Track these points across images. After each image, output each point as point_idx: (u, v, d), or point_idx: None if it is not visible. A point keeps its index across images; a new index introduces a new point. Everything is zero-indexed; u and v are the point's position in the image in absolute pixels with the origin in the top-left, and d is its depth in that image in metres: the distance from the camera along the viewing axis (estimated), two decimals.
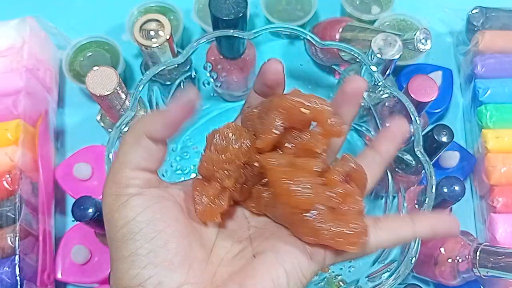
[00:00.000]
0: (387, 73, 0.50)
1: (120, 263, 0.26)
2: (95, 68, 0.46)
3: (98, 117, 0.54)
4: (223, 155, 0.30)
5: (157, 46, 0.49)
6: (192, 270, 0.27)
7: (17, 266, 0.47)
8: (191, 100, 0.27)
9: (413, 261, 0.39)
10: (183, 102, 0.27)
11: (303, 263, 0.28)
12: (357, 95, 0.32)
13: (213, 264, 0.28)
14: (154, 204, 0.27)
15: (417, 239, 0.39)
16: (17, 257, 0.47)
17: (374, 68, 0.47)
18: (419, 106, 0.49)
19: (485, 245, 0.44)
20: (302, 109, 0.29)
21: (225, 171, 0.30)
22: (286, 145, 0.30)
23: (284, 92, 0.33)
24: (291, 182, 0.27)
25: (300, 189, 0.27)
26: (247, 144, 0.30)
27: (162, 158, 0.29)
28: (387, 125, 0.33)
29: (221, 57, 0.53)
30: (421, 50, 0.48)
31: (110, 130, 0.52)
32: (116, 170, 0.27)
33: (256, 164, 0.30)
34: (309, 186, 0.27)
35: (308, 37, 0.45)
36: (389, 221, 0.30)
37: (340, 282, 0.51)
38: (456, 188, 0.45)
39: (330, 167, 0.29)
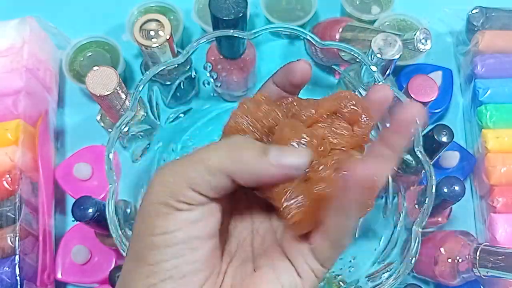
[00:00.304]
0: (387, 73, 0.50)
1: (140, 267, 0.26)
2: (95, 68, 0.46)
3: (98, 117, 0.54)
4: (258, 110, 0.29)
5: (157, 46, 0.49)
6: (207, 284, 0.27)
7: (17, 266, 0.47)
8: (299, 167, 0.25)
9: (413, 261, 0.39)
10: (291, 164, 0.25)
11: (296, 281, 0.28)
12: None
13: (221, 273, 0.28)
14: (198, 222, 0.26)
15: (418, 239, 0.39)
16: (17, 257, 0.47)
17: (374, 68, 0.47)
18: None
19: (485, 245, 0.44)
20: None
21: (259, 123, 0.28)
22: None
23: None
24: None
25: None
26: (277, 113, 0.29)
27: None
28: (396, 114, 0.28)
29: (221, 57, 0.53)
30: (421, 50, 0.48)
31: (110, 130, 0.52)
32: (179, 183, 0.25)
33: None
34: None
35: (308, 37, 0.45)
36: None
37: (340, 282, 0.51)
38: (456, 188, 0.45)
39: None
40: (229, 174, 0.25)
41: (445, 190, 0.45)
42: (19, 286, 0.47)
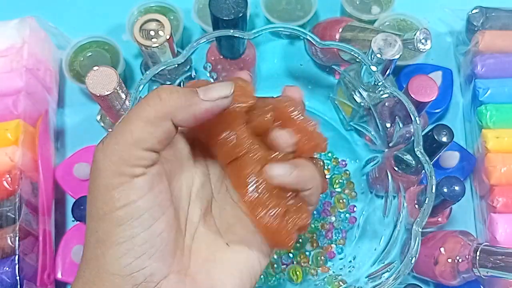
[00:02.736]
0: (387, 73, 0.50)
1: (110, 247, 0.25)
2: (95, 68, 0.46)
3: (98, 117, 0.54)
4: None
5: (157, 46, 0.49)
6: (176, 258, 0.27)
7: (17, 266, 0.47)
8: (226, 96, 0.27)
9: (413, 261, 0.39)
10: (219, 96, 0.26)
11: (266, 253, 0.30)
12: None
13: (187, 247, 0.28)
14: (155, 186, 0.26)
15: (418, 239, 0.40)
16: (17, 257, 0.47)
17: (374, 68, 0.47)
18: (419, 106, 0.49)
19: (485, 245, 0.44)
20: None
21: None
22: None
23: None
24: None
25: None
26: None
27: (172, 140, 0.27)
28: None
29: (221, 57, 0.53)
30: (421, 50, 0.48)
31: (110, 130, 0.52)
32: (126, 146, 0.25)
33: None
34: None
35: (308, 37, 0.45)
36: None
37: (340, 282, 0.51)
38: (456, 188, 0.45)
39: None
40: (168, 117, 0.26)
41: (445, 190, 0.45)
42: (19, 286, 0.47)
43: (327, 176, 0.58)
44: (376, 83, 0.48)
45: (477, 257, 0.44)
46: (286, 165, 0.29)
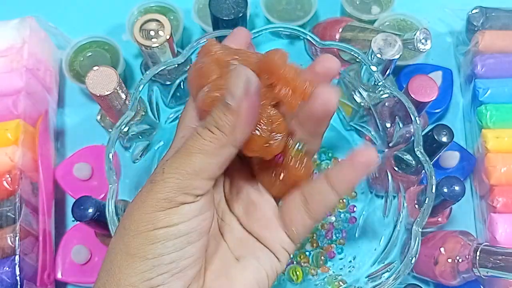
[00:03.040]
0: (387, 73, 0.50)
1: (137, 261, 0.25)
2: (95, 68, 0.46)
3: (98, 117, 0.54)
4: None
5: (157, 46, 0.49)
6: (195, 278, 0.27)
7: (17, 266, 0.47)
8: (249, 80, 0.25)
9: (413, 261, 0.39)
10: (244, 89, 0.25)
11: (277, 266, 0.31)
12: (329, 76, 0.30)
13: (203, 266, 0.29)
14: (202, 214, 0.27)
15: (418, 239, 0.40)
16: (17, 257, 0.47)
17: (374, 68, 0.47)
18: (419, 106, 0.49)
19: (485, 245, 0.44)
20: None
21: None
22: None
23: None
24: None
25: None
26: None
27: None
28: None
29: None
30: (421, 50, 0.48)
31: (110, 130, 0.52)
32: (187, 175, 0.26)
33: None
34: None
35: (308, 37, 0.45)
36: (316, 202, 0.30)
37: (340, 282, 0.51)
38: (456, 188, 0.45)
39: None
40: (229, 145, 0.26)
41: (445, 190, 0.45)
42: (19, 286, 0.47)
43: None
44: (376, 83, 0.48)
45: (477, 257, 0.44)
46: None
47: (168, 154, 0.30)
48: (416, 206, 0.47)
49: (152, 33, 0.49)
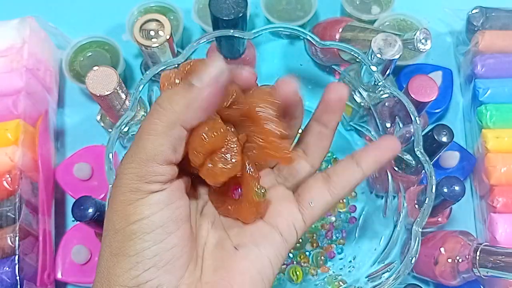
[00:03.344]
0: (387, 73, 0.50)
1: (121, 260, 0.25)
2: (95, 68, 0.46)
3: (98, 117, 0.54)
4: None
5: (157, 46, 0.49)
6: (188, 270, 0.27)
7: (17, 266, 0.47)
8: (222, 70, 0.25)
9: (413, 261, 0.39)
10: (214, 77, 0.25)
11: (282, 248, 0.29)
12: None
13: (199, 257, 0.28)
14: (173, 202, 0.26)
15: (418, 239, 0.40)
16: (17, 257, 0.47)
17: (374, 68, 0.47)
18: (419, 106, 0.49)
19: (485, 245, 0.44)
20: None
21: None
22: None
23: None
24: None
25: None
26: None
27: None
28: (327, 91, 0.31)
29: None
30: (421, 50, 0.48)
31: (110, 130, 0.52)
32: (142, 162, 0.25)
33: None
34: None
35: (308, 37, 0.45)
36: (340, 176, 0.31)
37: (340, 282, 0.51)
38: (456, 188, 0.45)
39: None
40: (176, 123, 0.25)
41: (445, 190, 0.45)
42: (19, 286, 0.46)
43: None
44: (376, 83, 0.48)
45: (477, 257, 0.44)
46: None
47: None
48: (416, 206, 0.47)
49: (152, 33, 0.49)
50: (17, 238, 0.48)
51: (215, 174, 0.27)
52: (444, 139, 0.46)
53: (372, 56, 0.48)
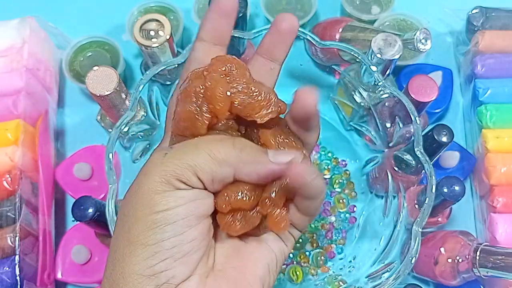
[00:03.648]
0: (387, 73, 0.50)
1: (139, 248, 0.25)
2: (95, 68, 0.46)
3: (98, 117, 0.54)
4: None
5: (157, 46, 0.49)
6: (201, 262, 0.27)
7: (17, 266, 0.47)
8: (297, 162, 0.27)
9: (413, 261, 0.39)
10: (288, 161, 0.27)
11: (284, 248, 0.31)
12: (291, 34, 0.32)
13: (212, 247, 0.29)
14: (196, 200, 0.27)
15: (418, 239, 0.40)
16: (17, 257, 0.47)
17: (374, 68, 0.47)
18: (419, 106, 0.49)
19: (485, 245, 0.44)
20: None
21: None
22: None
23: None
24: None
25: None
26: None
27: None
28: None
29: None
30: (421, 50, 0.48)
31: (110, 130, 0.52)
32: (186, 166, 0.26)
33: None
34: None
35: (308, 37, 0.45)
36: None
37: (340, 282, 0.51)
38: (456, 188, 0.45)
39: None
40: (234, 167, 0.27)
41: (445, 190, 0.45)
42: (19, 286, 0.47)
43: (327, 176, 0.58)
44: (376, 83, 0.48)
45: (477, 257, 0.44)
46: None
47: (165, 139, 0.31)
48: (416, 206, 0.47)
49: (152, 33, 0.49)
50: (17, 238, 0.48)
51: (233, 229, 0.29)
52: (444, 139, 0.46)
53: (372, 56, 0.48)
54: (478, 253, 0.44)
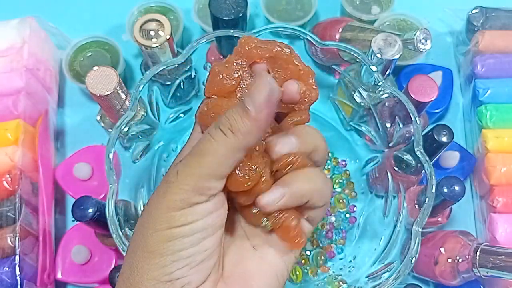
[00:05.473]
0: (387, 73, 0.50)
1: (157, 257, 0.26)
2: (95, 68, 0.46)
3: (98, 117, 0.54)
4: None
5: (157, 46, 0.49)
6: (214, 268, 0.28)
7: (17, 266, 0.47)
8: (272, 93, 0.26)
9: (413, 261, 0.39)
10: (266, 100, 0.26)
11: (292, 256, 0.31)
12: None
13: (221, 255, 0.30)
14: (215, 211, 0.28)
15: (418, 239, 0.40)
16: (17, 257, 0.47)
17: (374, 68, 0.47)
18: (419, 106, 0.49)
19: (485, 245, 0.44)
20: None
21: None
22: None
23: None
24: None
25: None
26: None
27: None
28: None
29: (221, 57, 0.53)
30: (421, 50, 0.48)
31: (110, 130, 0.52)
32: (203, 176, 0.26)
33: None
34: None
35: (308, 37, 0.45)
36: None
37: (340, 282, 0.51)
38: (456, 188, 0.45)
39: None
40: (243, 148, 0.27)
41: (445, 190, 0.45)
42: (19, 286, 0.47)
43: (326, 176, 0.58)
44: (376, 83, 0.48)
45: (477, 257, 0.44)
46: (274, 190, 0.29)
47: (183, 151, 0.31)
48: (416, 206, 0.47)
49: (152, 33, 0.49)
50: (17, 238, 0.48)
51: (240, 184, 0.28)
52: (444, 139, 0.46)
53: (372, 56, 0.48)
54: (478, 253, 0.44)
